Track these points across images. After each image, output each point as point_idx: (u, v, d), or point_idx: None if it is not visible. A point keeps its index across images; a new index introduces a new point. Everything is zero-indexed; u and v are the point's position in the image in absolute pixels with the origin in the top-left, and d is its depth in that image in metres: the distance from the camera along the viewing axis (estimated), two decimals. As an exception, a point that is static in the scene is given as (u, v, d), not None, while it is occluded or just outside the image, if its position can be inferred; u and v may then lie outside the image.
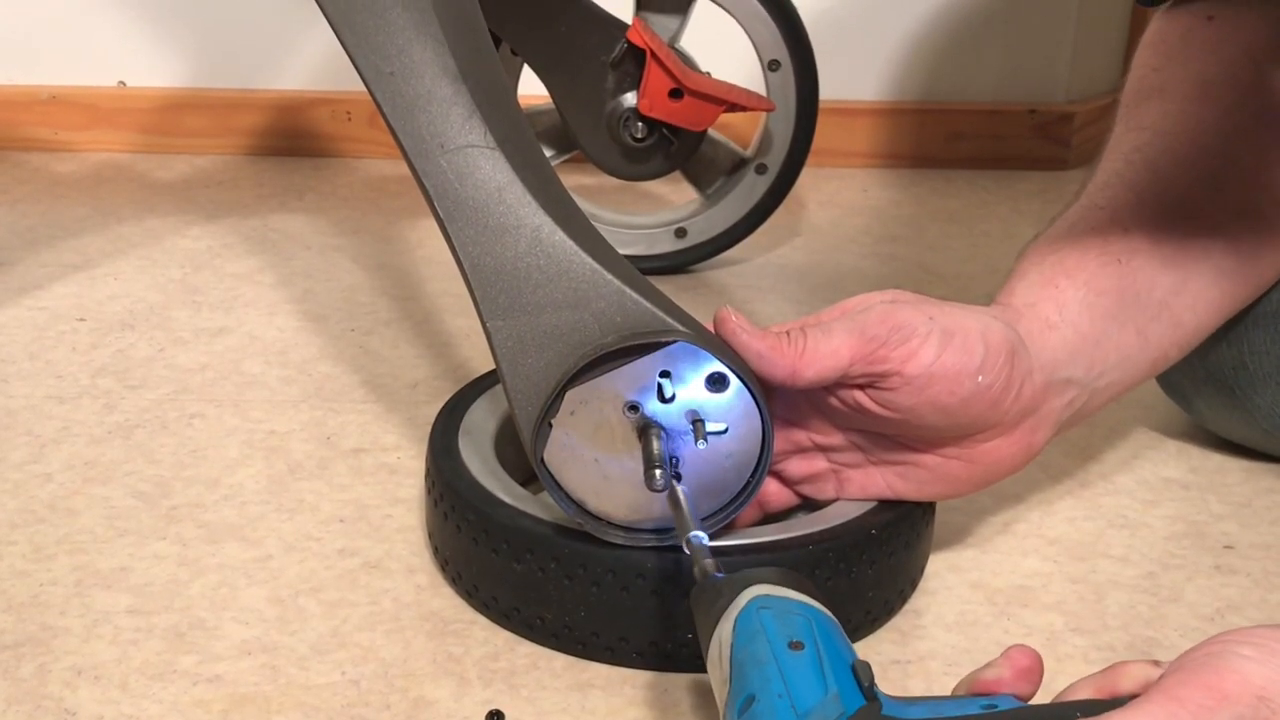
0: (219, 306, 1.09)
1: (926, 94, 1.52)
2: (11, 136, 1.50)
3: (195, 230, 1.26)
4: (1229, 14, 0.78)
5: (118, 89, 1.50)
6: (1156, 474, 0.86)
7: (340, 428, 0.89)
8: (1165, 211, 0.73)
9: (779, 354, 0.63)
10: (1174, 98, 0.78)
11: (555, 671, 0.65)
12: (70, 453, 0.85)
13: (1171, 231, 0.72)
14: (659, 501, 0.63)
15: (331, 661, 0.66)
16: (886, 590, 0.69)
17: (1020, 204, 1.40)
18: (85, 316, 1.06)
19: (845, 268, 1.21)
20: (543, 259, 0.65)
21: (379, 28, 0.67)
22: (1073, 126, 1.52)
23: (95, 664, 0.65)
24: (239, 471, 0.83)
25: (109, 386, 0.94)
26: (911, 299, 0.66)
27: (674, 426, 0.63)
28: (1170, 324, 0.73)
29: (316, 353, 1.01)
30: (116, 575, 0.72)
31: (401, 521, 0.78)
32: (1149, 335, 0.72)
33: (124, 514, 0.78)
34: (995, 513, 0.80)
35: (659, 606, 0.64)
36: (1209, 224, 0.74)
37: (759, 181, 1.15)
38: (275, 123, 1.51)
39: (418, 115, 0.66)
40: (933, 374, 0.63)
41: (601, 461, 0.63)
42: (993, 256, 1.24)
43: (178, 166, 1.46)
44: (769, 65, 1.12)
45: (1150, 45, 0.82)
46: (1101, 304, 0.70)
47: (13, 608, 0.69)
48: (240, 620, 0.69)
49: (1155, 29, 0.82)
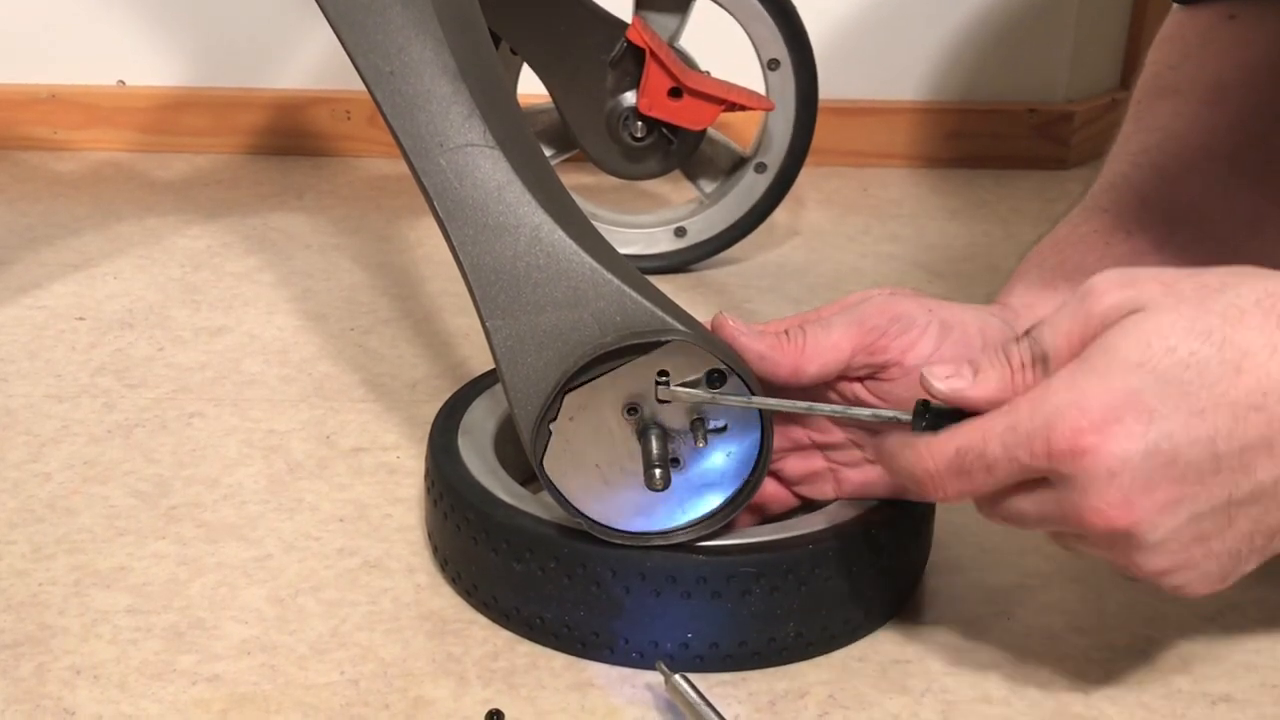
0: (218, 305, 1.09)
1: (926, 93, 1.52)
2: (11, 135, 1.50)
3: (195, 229, 1.26)
4: (1252, 13, 0.77)
5: (117, 88, 1.50)
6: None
7: (340, 427, 0.89)
8: (1171, 217, 0.73)
9: (780, 353, 0.63)
10: (1188, 99, 0.77)
11: (555, 671, 0.65)
12: (69, 452, 0.85)
13: (1176, 237, 0.72)
14: (661, 503, 0.63)
15: (331, 661, 0.65)
16: (886, 590, 0.69)
17: (1020, 203, 1.40)
18: (84, 315, 1.06)
19: (845, 267, 1.21)
20: (542, 258, 0.64)
21: (378, 26, 0.67)
22: (1072, 126, 1.52)
23: (94, 663, 0.65)
24: (238, 471, 0.83)
25: (108, 385, 0.94)
26: (910, 293, 0.66)
27: (673, 426, 0.63)
28: None
29: (316, 352, 1.01)
30: (115, 575, 0.72)
31: (401, 521, 0.78)
32: None
33: (123, 513, 0.78)
34: (995, 512, 0.80)
35: (659, 606, 0.64)
36: (1216, 232, 0.73)
37: (758, 181, 1.15)
38: (275, 122, 1.50)
39: (417, 114, 0.66)
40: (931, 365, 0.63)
41: (602, 466, 0.63)
42: (992, 256, 1.24)
43: (177, 165, 1.45)
44: (768, 64, 1.12)
45: (1168, 40, 0.81)
46: None
47: (12, 607, 0.69)
48: (239, 620, 0.69)
49: (1174, 23, 0.81)
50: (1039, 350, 0.55)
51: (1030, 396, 0.53)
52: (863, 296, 0.66)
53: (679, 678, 0.61)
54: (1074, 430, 0.51)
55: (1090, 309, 0.54)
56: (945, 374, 0.57)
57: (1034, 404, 0.53)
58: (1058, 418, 0.52)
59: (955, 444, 0.55)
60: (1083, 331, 0.54)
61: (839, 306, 0.65)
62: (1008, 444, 0.53)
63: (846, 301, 0.66)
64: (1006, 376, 0.56)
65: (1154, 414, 0.51)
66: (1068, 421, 0.52)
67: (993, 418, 0.54)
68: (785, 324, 0.64)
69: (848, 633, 0.67)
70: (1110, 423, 0.51)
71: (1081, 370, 0.53)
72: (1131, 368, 0.52)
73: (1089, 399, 0.52)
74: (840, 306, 0.65)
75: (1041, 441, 0.52)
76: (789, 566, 0.64)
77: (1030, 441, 0.52)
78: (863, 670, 0.66)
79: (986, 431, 0.54)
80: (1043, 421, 0.52)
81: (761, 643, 0.65)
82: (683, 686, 0.60)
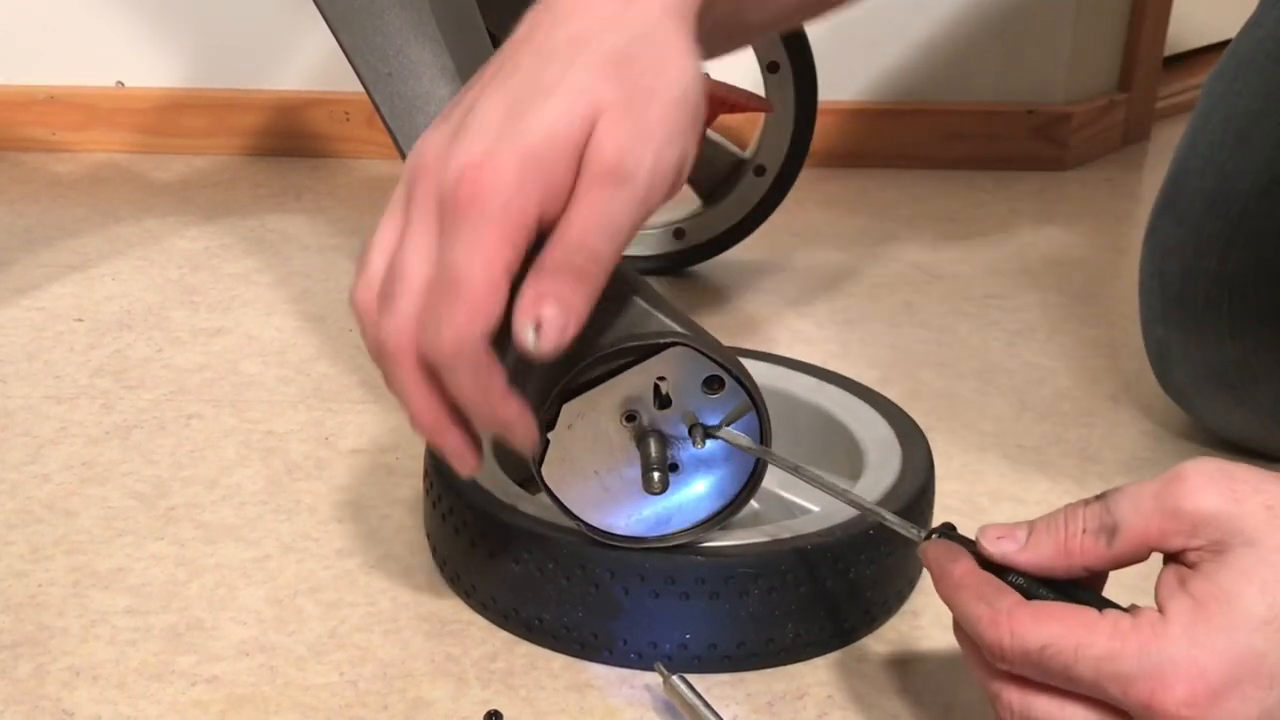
0: (217, 307, 1.09)
1: (924, 94, 1.52)
2: (9, 136, 1.50)
3: (193, 230, 1.26)
4: None
5: (116, 89, 1.50)
6: (1155, 474, 0.85)
7: (338, 428, 0.89)
8: None
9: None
10: None
11: (553, 672, 0.65)
12: (68, 453, 0.85)
13: None
14: (659, 506, 0.63)
15: (329, 662, 0.65)
16: (885, 590, 0.69)
17: (1018, 204, 1.40)
18: (83, 317, 1.06)
19: (843, 269, 1.21)
20: (541, 259, 0.64)
21: (377, 28, 0.67)
22: (1070, 127, 1.52)
23: (93, 664, 0.65)
24: (237, 472, 0.83)
25: (107, 387, 0.94)
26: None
27: (672, 430, 0.63)
28: None
29: (314, 353, 1.01)
30: (114, 576, 0.72)
31: (399, 522, 0.78)
32: None
33: (122, 514, 0.78)
34: (993, 513, 0.80)
35: (658, 607, 0.64)
36: None
37: (757, 183, 1.15)
38: (273, 123, 1.51)
39: (416, 116, 0.66)
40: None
41: (601, 473, 0.63)
42: (990, 257, 1.25)
43: (175, 167, 1.46)
44: (768, 67, 1.12)
45: None
46: None
47: (10, 608, 0.69)
48: (238, 621, 0.69)
49: None
50: (1110, 521, 0.51)
51: (1141, 634, 0.49)
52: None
53: (677, 679, 0.61)
54: (1189, 693, 0.47)
55: (1179, 503, 0.50)
56: (996, 535, 0.54)
57: (1144, 644, 0.48)
58: (1171, 671, 0.47)
59: (1043, 639, 0.50)
60: (1162, 525, 0.50)
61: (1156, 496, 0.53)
62: (1103, 673, 0.49)
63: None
64: (1060, 543, 0.52)
65: (1274, 679, 0.47)
66: (1182, 680, 0.47)
67: (1093, 630, 0.49)
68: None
69: (846, 633, 0.67)
70: (1229, 688, 0.47)
71: (1200, 621, 0.48)
72: (1257, 625, 0.47)
73: (1209, 660, 0.47)
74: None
75: (1144, 690, 0.48)
76: (787, 567, 0.64)
77: (1130, 683, 0.48)
78: (861, 671, 0.66)
79: (1081, 645, 0.49)
80: (1152, 667, 0.48)
81: (760, 643, 0.65)
82: (681, 687, 0.61)
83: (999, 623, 0.51)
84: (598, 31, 0.53)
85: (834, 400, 0.78)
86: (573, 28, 0.53)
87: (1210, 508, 0.49)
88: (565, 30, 0.53)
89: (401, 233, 0.54)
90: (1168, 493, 0.50)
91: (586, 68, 0.52)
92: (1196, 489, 0.50)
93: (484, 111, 0.52)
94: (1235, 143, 0.80)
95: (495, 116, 0.52)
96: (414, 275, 0.53)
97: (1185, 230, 0.82)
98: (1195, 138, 0.83)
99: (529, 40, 0.54)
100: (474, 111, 0.53)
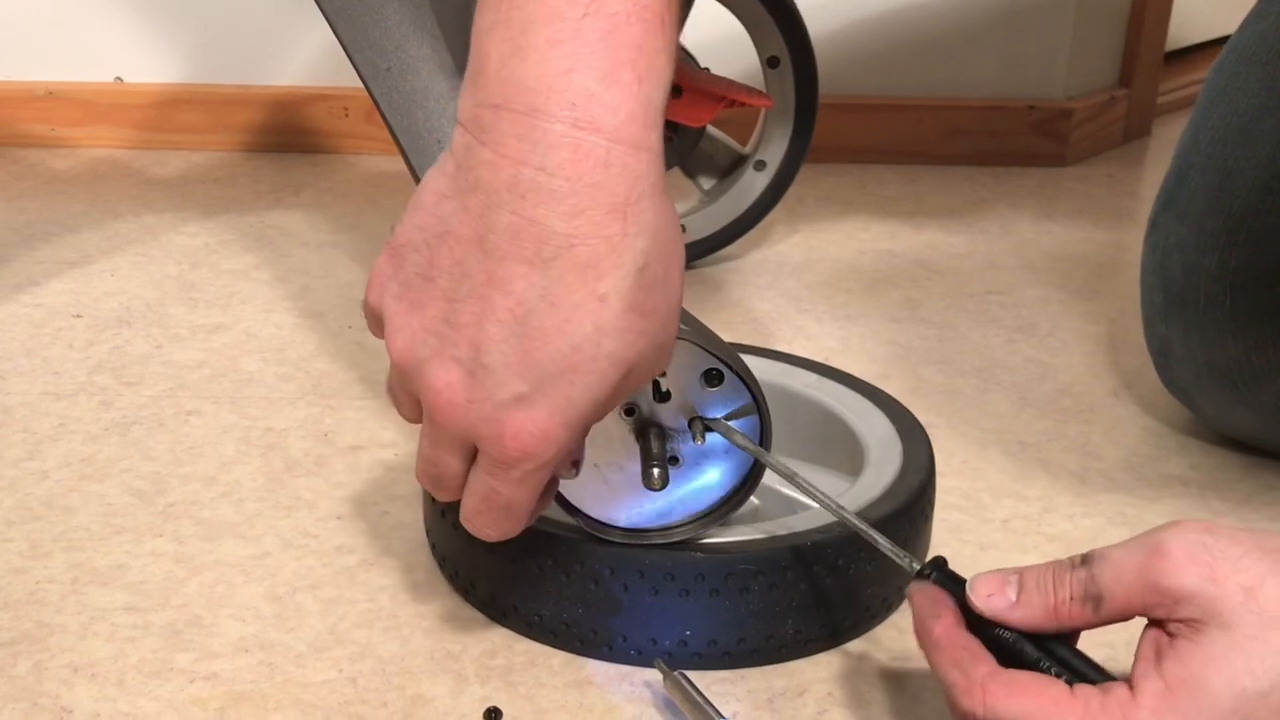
0: (216, 303, 1.08)
1: (925, 90, 1.52)
2: (8, 132, 1.50)
3: (192, 227, 1.26)
4: None
5: (115, 85, 1.50)
6: (1156, 471, 0.86)
7: (337, 424, 0.89)
8: None
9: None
10: None
11: (553, 669, 0.65)
12: (67, 449, 0.85)
13: None
14: (659, 501, 0.63)
15: (329, 659, 0.65)
16: (884, 588, 0.69)
17: (1018, 200, 1.40)
18: (82, 313, 1.06)
19: (843, 264, 1.21)
20: (540, 255, 0.64)
21: (375, 24, 0.67)
22: (1071, 123, 1.52)
23: (92, 661, 0.65)
24: (236, 468, 0.83)
25: (106, 383, 0.94)
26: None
27: (671, 425, 0.63)
28: None
29: (314, 349, 1.00)
30: (113, 572, 0.72)
31: (399, 518, 0.78)
32: None
33: (120, 511, 0.78)
34: (994, 510, 0.80)
35: (657, 604, 0.64)
36: None
37: (758, 178, 1.15)
38: (272, 119, 1.50)
39: (415, 111, 0.66)
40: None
41: (601, 467, 0.63)
42: (991, 253, 1.24)
43: (174, 163, 1.45)
44: (768, 62, 1.12)
45: None
46: None
47: (9, 605, 0.69)
48: (237, 617, 0.68)
49: None
50: (1095, 590, 0.52)
51: (1110, 716, 0.50)
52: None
53: (677, 675, 0.61)
54: None
55: (1159, 580, 0.50)
56: (987, 591, 0.55)
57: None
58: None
59: (1015, 713, 0.51)
60: (1144, 599, 0.51)
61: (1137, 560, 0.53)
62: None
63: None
64: (1050, 606, 0.53)
65: None
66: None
67: (1064, 708, 0.50)
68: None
69: (846, 630, 0.67)
70: None
71: (1168, 708, 0.49)
72: (1223, 716, 0.48)
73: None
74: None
75: None
76: (787, 564, 0.64)
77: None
78: (861, 668, 0.66)
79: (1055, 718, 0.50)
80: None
81: (760, 640, 0.65)
82: (681, 684, 0.60)
83: (972, 692, 0.52)
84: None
85: (835, 396, 0.78)
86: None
87: (1189, 587, 0.50)
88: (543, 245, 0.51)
89: (429, 440, 0.56)
90: (1150, 566, 0.51)
91: (612, 319, 0.51)
92: (1176, 566, 0.51)
93: (494, 354, 0.52)
94: (1237, 139, 0.80)
95: (513, 364, 0.51)
96: (452, 475, 0.57)
97: (1187, 227, 0.82)
98: (1197, 134, 0.83)
99: (480, 242, 0.52)
100: (482, 351, 0.52)
